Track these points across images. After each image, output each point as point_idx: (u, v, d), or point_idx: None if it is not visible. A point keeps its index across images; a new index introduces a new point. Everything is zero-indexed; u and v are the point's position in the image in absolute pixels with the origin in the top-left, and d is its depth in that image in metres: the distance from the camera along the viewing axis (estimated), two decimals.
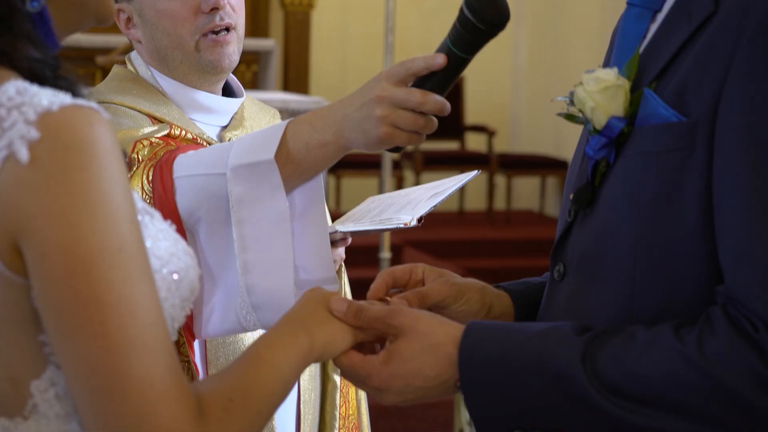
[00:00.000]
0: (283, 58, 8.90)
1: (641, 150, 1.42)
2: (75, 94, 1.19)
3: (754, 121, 1.33)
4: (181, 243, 1.29)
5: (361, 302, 1.47)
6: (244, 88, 2.33)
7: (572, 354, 1.36)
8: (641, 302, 1.41)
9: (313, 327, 1.39)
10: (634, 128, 1.43)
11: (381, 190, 5.69)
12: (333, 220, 2.24)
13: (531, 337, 1.40)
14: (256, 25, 8.88)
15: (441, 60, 1.63)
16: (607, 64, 1.57)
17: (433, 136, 1.86)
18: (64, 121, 1.13)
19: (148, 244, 1.20)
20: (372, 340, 1.46)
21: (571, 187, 1.54)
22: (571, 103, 1.50)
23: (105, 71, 6.19)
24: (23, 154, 1.12)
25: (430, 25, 9.49)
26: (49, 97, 1.14)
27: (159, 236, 1.26)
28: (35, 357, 1.19)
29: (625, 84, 1.45)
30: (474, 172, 2.14)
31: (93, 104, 1.16)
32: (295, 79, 8.80)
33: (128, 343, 1.14)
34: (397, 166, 8.33)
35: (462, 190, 8.56)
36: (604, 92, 1.44)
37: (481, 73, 9.08)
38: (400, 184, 8.57)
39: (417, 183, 8.67)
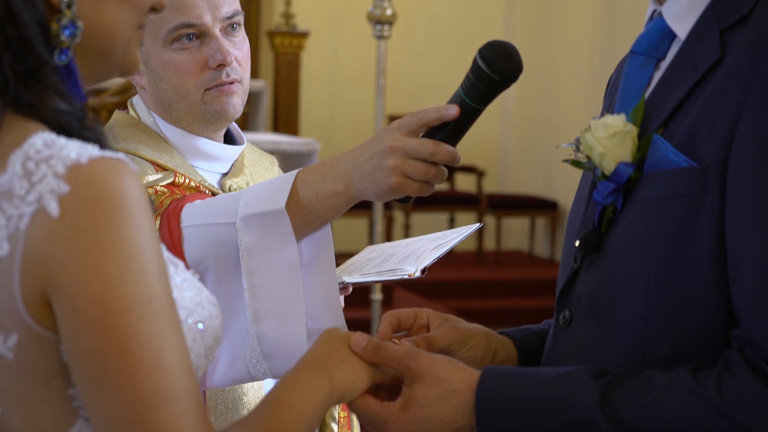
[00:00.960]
0: (272, 99, 8.91)
1: (651, 195, 1.42)
2: (102, 145, 1.19)
3: (766, 164, 1.34)
4: (205, 292, 1.29)
5: (380, 341, 1.47)
6: None
7: (590, 397, 1.37)
8: (653, 347, 1.42)
9: (332, 369, 1.38)
10: (643, 174, 1.44)
11: (371, 231, 5.69)
12: None
13: (547, 382, 1.41)
14: None
15: (454, 111, 1.64)
16: (608, 112, 1.58)
17: None
18: (93, 174, 1.13)
19: (173, 294, 1.20)
20: (388, 382, 1.46)
21: (575, 233, 1.54)
22: (578, 149, 1.50)
23: (96, 112, 6.19)
24: (53, 208, 1.12)
25: (419, 65, 9.53)
26: (77, 150, 1.15)
27: (184, 286, 1.26)
28: (64, 411, 1.18)
29: (633, 130, 1.46)
30: (477, 225, 2.16)
31: (120, 155, 1.16)
32: (285, 119, 8.81)
33: (157, 395, 1.13)
34: (387, 206, 8.33)
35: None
36: (612, 138, 1.45)
37: None
38: (390, 225, 8.57)
39: (407, 223, 8.68)
